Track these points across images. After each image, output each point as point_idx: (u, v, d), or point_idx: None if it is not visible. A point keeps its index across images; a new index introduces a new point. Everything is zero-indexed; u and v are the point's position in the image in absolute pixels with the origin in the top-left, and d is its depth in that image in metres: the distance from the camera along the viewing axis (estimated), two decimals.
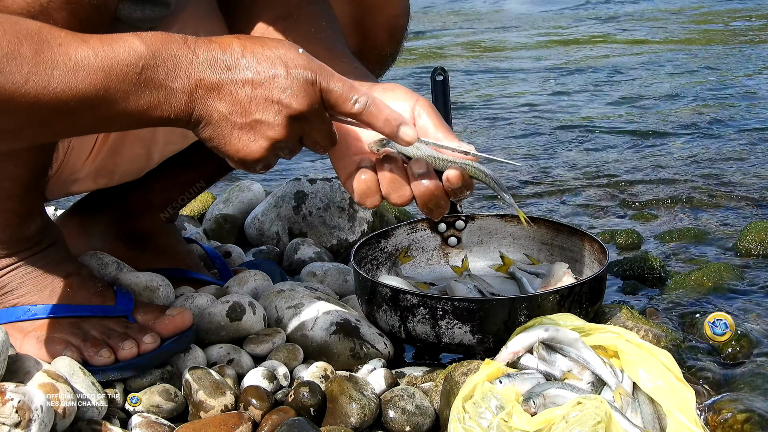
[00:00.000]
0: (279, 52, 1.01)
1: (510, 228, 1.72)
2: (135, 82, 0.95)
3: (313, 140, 1.06)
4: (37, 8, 1.00)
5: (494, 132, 3.28)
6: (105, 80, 0.93)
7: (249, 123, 1.00)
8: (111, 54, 0.93)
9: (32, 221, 1.29)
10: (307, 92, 1.01)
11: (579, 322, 1.27)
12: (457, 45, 5.42)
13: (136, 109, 0.96)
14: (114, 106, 0.95)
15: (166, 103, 0.97)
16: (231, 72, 0.99)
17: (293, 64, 1.00)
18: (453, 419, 1.12)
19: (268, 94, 0.99)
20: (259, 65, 0.99)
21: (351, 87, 1.03)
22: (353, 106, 1.03)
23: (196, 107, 0.99)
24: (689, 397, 1.11)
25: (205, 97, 0.98)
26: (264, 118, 1.00)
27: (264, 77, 0.99)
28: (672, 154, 2.88)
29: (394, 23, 1.46)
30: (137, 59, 0.94)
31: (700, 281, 1.74)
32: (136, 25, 1.24)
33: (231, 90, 0.99)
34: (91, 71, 0.92)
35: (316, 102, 1.02)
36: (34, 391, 1.10)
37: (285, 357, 1.38)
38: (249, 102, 0.99)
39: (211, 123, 1.00)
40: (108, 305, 1.33)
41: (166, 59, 0.96)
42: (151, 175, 1.56)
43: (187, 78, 0.97)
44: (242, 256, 1.88)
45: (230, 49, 1.00)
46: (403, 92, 1.17)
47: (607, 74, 4.26)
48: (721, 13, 6.07)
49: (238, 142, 1.01)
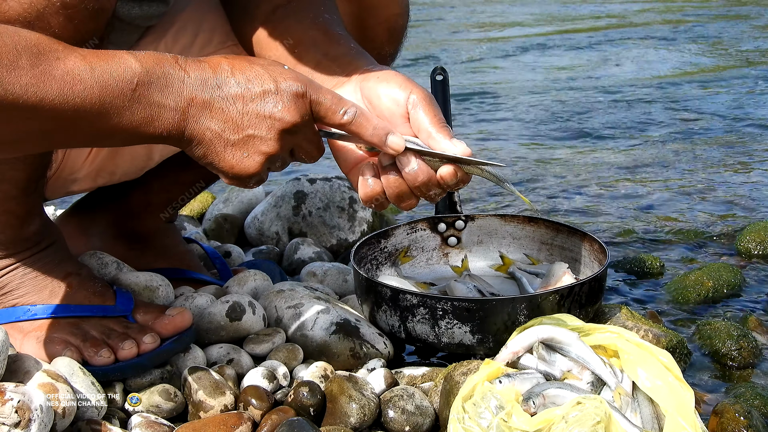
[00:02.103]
0: (267, 68, 1.03)
1: (510, 228, 1.72)
2: (129, 98, 0.96)
3: (304, 151, 1.08)
4: (34, 14, 1.00)
5: (492, 126, 3.29)
6: (101, 94, 0.95)
7: (242, 139, 1.02)
8: (107, 69, 0.95)
9: (31, 222, 1.29)
10: (297, 105, 1.03)
11: (579, 322, 1.26)
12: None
13: (130, 124, 0.98)
14: (109, 121, 0.97)
15: (159, 119, 0.99)
16: (221, 89, 1.01)
17: (282, 78, 1.03)
18: (453, 419, 1.12)
19: (260, 109, 1.02)
20: (248, 82, 1.02)
21: (339, 99, 1.06)
22: (342, 117, 1.06)
23: (188, 125, 1.00)
24: (688, 397, 1.11)
25: (197, 115, 1.00)
26: (257, 132, 1.02)
27: (254, 92, 1.02)
28: (671, 153, 2.88)
29: (394, 22, 1.46)
30: (132, 75, 0.96)
31: (700, 281, 1.74)
32: (135, 23, 1.24)
33: (222, 107, 1.01)
34: (87, 85, 0.94)
35: (307, 114, 1.04)
36: (34, 391, 1.10)
37: (285, 357, 1.38)
38: (241, 118, 1.01)
39: (204, 141, 1.02)
40: (108, 305, 1.32)
41: (159, 77, 0.98)
42: (151, 175, 1.56)
43: (179, 96, 0.99)
44: (242, 256, 1.88)
45: (220, 68, 1.02)
46: (398, 82, 1.17)
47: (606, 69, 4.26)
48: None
49: (232, 159, 1.03)
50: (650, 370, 1.15)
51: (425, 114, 1.15)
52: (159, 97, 0.98)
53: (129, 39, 1.30)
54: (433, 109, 1.16)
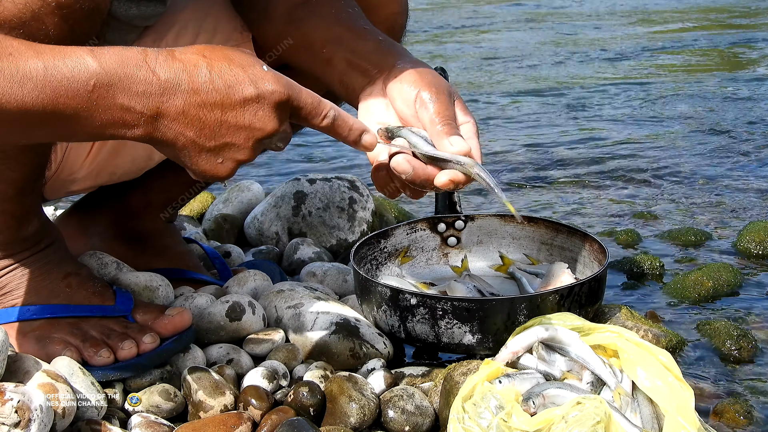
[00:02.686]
0: (247, 71, 0.98)
1: (509, 228, 1.72)
2: (86, 99, 0.91)
3: (274, 147, 1.06)
4: (29, 14, 0.99)
5: (490, 125, 3.29)
6: (53, 95, 0.90)
7: (218, 146, 0.98)
8: (61, 68, 0.90)
9: (30, 222, 1.28)
10: (278, 113, 0.99)
11: (578, 321, 1.26)
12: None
13: (90, 127, 0.93)
14: (66, 122, 0.92)
15: (124, 124, 0.94)
16: (198, 95, 0.95)
17: (263, 83, 0.98)
18: (452, 419, 1.12)
19: (239, 119, 0.97)
20: (228, 88, 0.96)
21: (318, 102, 1.03)
22: (321, 121, 1.04)
23: (158, 131, 0.96)
24: (688, 397, 1.11)
25: (170, 122, 0.95)
26: (234, 141, 0.98)
27: (234, 100, 0.96)
28: (672, 153, 2.88)
29: (393, 21, 1.46)
30: (88, 77, 0.91)
31: (700, 281, 1.74)
32: (133, 22, 1.24)
33: (199, 114, 0.96)
34: (38, 84, 0.89)
35: (285, 121, 1.01)
36: (34, 391, 1.10)
37: (284, 357, 1.38)
38: (219, 126, 0.97)
39: (177, 146, 0.98)
40: (107, 305, 1.32)
41: (122, 78, 0.92)
42: (150, 175, 1.56)
43: (146, 100, 0.93)
44: (242, 256, 1.87)
45: (196, 69, 0.95)
46: (410, 80, 1.18)
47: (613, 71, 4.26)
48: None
49: (206, 164, 1.00)
50: (650, 370, 1.15)
51: (428, 111, 1.15)
52: (123, 99, 0.92)
53: (127, 39, 1.30)
54: (438, 106, 1.16)
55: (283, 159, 3.03)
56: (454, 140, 1.13)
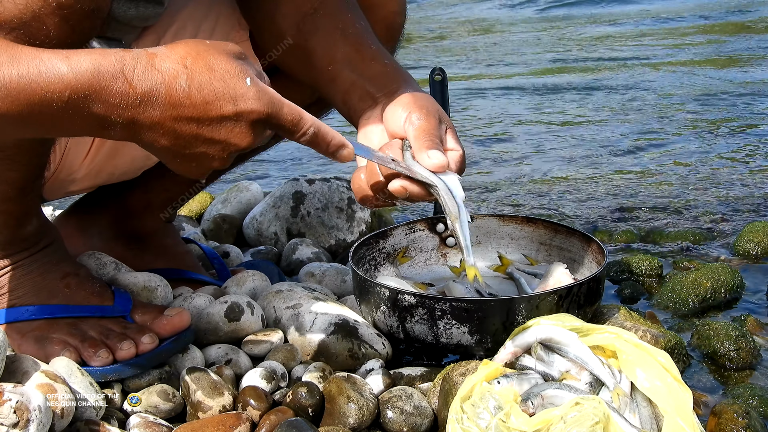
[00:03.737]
0: (228, 84, 0.96)
1: (508, 228, 1.72)
2: (61, 108, 0.92)
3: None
4: (29, 15, 0.99)
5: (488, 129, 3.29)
6: (28, 104, 0.91)
7: (192, 154, 0.99)
8: (36, 78, 0.90)
9: (28, 222, 1.28)
10: (255, 130, 0.99)
11: (577, 322, 1.26)
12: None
13: (69, 130, 0.95)
14: (44, 126, 0.93)
15: (102, 129, 0.95)
16: (175, 109, 0.95)
17: (243, 100, 0.97)
18: (451, 420, 1.12)
19: (214, 134, 0.97)
20: (206, 104, 0.95)
21: (299, 119, 1.02)
22: (301, 137, 1.04)
23: (135, 135, 0.97)
24: (687, 397, 1.11)
25: (145, 131, 0.96)
26: (209, 151, 0.99)
27: (211, 117, 0.96)
28: (671, 153, 2.89)
29: (392, 21, 1.46)
30: (63, 87, 0.91)
31: (699, 282, 1.74)
32: (132, 23, 1.24)
33: (174, 127, 0.96)
34: (11, 93, 0.90)
35: (262, 135, 1.01)
36: (32, 392, 1.09)
37: (283, 357, 1.38)
38: (194, 138, 0.97)
39: (153, 149, 0.99)
40: (106, 305, 1.32)
41: (97, 90, 0.92)
42: (150, 175, 1.56)
43: (123, 111, 0.93)
44: (240, 256, 1.88)
45: (175, 82, 0.94)
46: (404, 104, 1.21)
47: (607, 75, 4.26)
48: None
49: (180, 167, 1.02)
50: (648, 371, 1.15)
51: (413, 128, 1.18)
52: (99, 109, 0.92)
53: (126, 39, 1.30)
54: (424, 124, 1.18)
55: (282, 159, 3.03)
56: (433, 153, 1.16)
